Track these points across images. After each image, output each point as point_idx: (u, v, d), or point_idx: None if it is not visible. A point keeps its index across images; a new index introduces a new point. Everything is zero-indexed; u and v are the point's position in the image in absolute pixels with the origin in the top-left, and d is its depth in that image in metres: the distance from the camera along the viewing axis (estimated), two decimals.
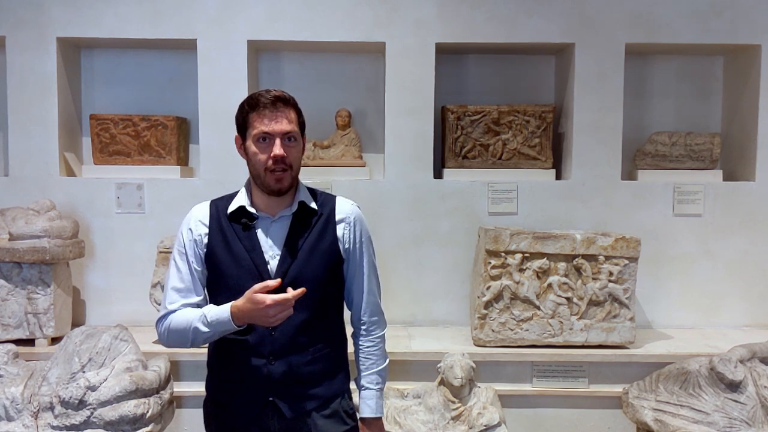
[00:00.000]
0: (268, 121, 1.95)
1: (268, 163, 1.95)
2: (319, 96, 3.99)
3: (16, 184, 3.73)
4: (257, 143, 1.96)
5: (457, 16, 3.75)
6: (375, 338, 2.17)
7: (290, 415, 2.01)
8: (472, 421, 3.02)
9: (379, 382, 2.16)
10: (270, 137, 1.95)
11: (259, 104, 1.96)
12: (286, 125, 1.96)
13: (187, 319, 1.96)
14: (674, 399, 2.99)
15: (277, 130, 1.95)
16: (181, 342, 1.99)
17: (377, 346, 2.17)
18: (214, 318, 1.91)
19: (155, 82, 4.02)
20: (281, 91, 2.00)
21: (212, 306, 1.97)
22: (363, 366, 2.16)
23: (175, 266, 2.06)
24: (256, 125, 1.96)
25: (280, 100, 1.97)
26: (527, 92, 4.06)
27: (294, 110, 2.01)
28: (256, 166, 1.98)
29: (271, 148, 1.95)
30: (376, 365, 2.16)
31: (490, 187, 3.78)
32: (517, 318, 3.35)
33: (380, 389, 2.16)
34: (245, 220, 2.03)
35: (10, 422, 2.75)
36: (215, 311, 1.92)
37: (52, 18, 3.70)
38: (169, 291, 2.04)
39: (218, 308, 1.93)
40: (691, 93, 4.10)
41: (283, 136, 1.96)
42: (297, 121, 2.01)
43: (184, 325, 1.96)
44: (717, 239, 3.83)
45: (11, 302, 3.36)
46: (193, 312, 1.97)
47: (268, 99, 1.96)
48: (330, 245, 2.06)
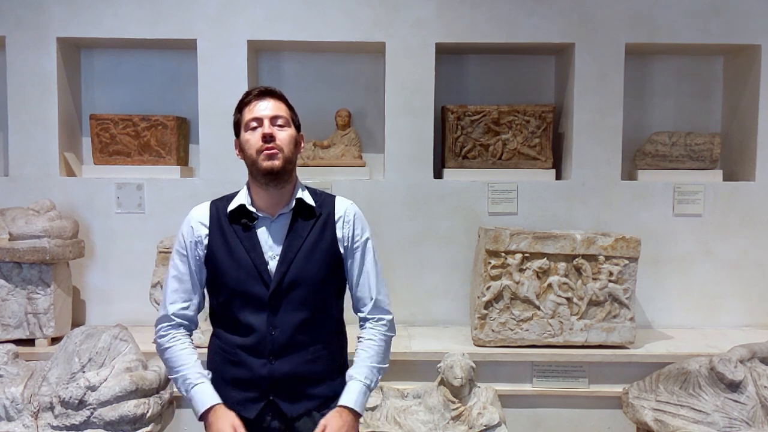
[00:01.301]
0: (255, 109, 2.01)
1: (258, 143, 1.98)
2: (319, 96, 4.00)
3: (16, 184, 3.73)
4: (248, 131, 2.01)
5: (457, 16, 3.75)
6: (379, 334, 2.09)
7: (290, 415, 2.02)
8: (472, 421, 3.02)
9: (369, 377, 2.03)
10: (258, 121, 2.00)
11: (248, 97, 2.04)
12: (274, 110, 2.01)
13: (179, 366, 2.02)
14: (674, 399, 2.99)
15: (264, 114, 2.00)
16: (166, 368, 2.11)
17: (378, 343, 2.07)
18: (194, 397, 1.98)
19: (155, 82, 4.02)
20: (269, 86, 2.07)
21: (205, 386, 1.99)
22: (358, 357, 2.07)
23: (174, 266, 2.07)
24: (247, 115, 2.02)
25: (267, 92, 2.05)
26: (527, 92, 4.06)
27: (282, 101, 2.06)
28: (249, 152, 2.00)
29: (260, 131, 1.99)
30: (371, 360, 2.05)
31: (490, 187, 3.78)
32: (517, 318, 3.35)
33: (367, 386, 2.03)
34: (245, 220, 2.04)
35: (10, 422, 2.75)
36: (199, 393, 1.98)
37: (52, 18, 3.70)
38: (168, 291, 2.07)
39: (202, 393, 1.98)
40: (691, 93, 4.10)
41: (272, 120, 2.00)
42: (286, 111, 2.05)
43: (172, 365, 2.03)
44: (717, 239, 3.83)
45: (11, 302, 3.36)
46: (189, 364, 2.01)
47: (256, 92, 2.04)
48: (330, 245, 2.06)
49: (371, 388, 2.06)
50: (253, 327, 1.99)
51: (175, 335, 2.05)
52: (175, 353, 2.03)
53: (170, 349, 2.04)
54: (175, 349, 2.03)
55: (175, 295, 2.05)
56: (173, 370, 2.03)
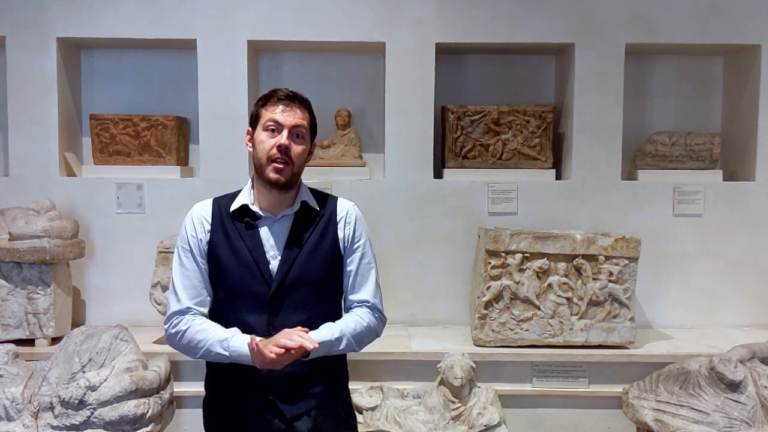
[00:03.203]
0: (280, 112, 1.98)
1: (272, 151, 1.96)
2: (319, 96, 3.95)
3: (16, 184, 3.73)
4: (265, 131, 1.98)
5: (457, 16, 3.75)
6: (368, 316, 2.05)
7: (290, 415, 2.01)
8: (472, 421, 3.02)
9: (342, 331, 1.97)
10: (279, 126, 1.97)
11: (275, 96, 2.00)
12: (297, 119, 1.99)
13: (207, 336, 1.94)
14: (674, 399, 2.99)
15: (286, 122, 1.97)
16: (190, 352, 2.00)
17: (363, 323, 2.02)
18: (236, 348, 1.91)
19: (155, 82, 4.01)
20: (299, 91, 2.04)
21: (236, 332, 1.94)
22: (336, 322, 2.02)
23: (180, 264, 2.04)
24: (268, 114, 1.99)
25: (296, 97, 2.02)
26: (527, 92, 4.06)
27: (308, 111, 2.04)
28: (259, 154, 1.98)
29: (277, 139, 1.96)
30: (349, 329, 1.99)
31: (490, 187, 3.78)
32: (517, 318, 3.35)
33: (337, 337, 1.95)
34: (248, 219, 2.03)
35: (10, 422, 2.75)
36: (237, 342, 1.91)
37: (52, 18, 3.70)
38: (177, 290, 2.02)
39: (241, 339, 1.91)
40: (691, 93, 4.10)
41: (292, 129, 1.98)
42: (308, 122, 2.03)
43: (200, 339, 1.95)
44: (717, 239, 3.83)
45: (11, 302, 3.37)
46: (213, 330, 1.95)
47: (285, 93, 2.00)
48: (331, 245, 2.06)
49: (339, 339, 1.97)
50: (252, 326, 1.98)
51: (189, 318, 1.99)
52: (195, 330, 1.96)
53: (188, 330, 1.97)
54: (192, 330, 1.97)
55: (184, 293, 2.01)
56: (200, 344, 1.94)
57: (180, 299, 2.01)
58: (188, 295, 2.01)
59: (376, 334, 2.10)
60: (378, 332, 2.11)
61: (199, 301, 2.02)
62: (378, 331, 2.10)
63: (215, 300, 2.06)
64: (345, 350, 2.01)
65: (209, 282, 2.05)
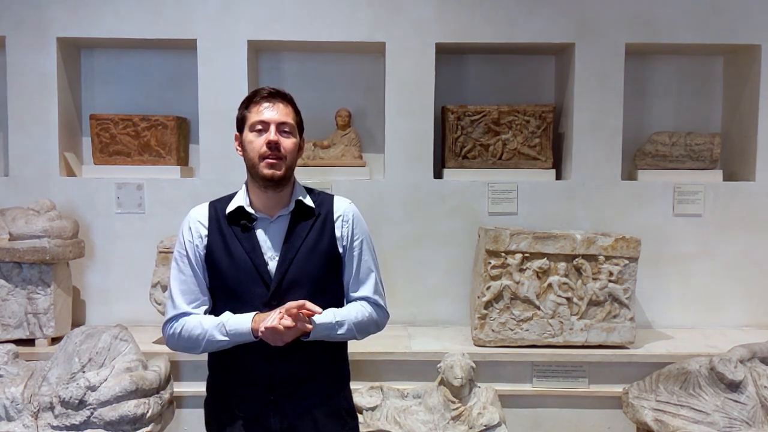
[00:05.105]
0: (264, 111, 1.99)
1: (262, 149, 1.97)
2: (319, 96, 3.99)
3: (16, 184, 3.73)
4: (253, 132, 1.99)
5: (457, 16, 3.75)
6: (370, 307, 2.06)
7: (291, 414, 2.01)
8: (472, 421, 3.02)
9: (344, 316, 1.99)
10: (265, 125, 1.98)
11: (258, 95, 2.01)
12: (282, 116, 1.99)
13: (202, 326, 1.96)
14: (674, 399, 2.99)
15: (272, 118, 1.98)
16: (191, 348, 2.00)
17: (365, 313, 2.04)
18: (233, 328, 1.92)
19: (155, 82, 4.02)
20: (280, 88, 2.04)
21: (229, 314, 1.96)
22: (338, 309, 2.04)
23: (177, 269, 2.05)
24: (253, 116, 2.00)
25: (278, 94, 2.02)
26: (527, 92, 4.06)
27: (291, 106, 2.04)
28: (251, 154, 1.99)
29: (266, 136, 1.97)
30: (350, 311, 2.02)
31: (490, 187, 3.78)
32: (517, 318, 3.35)
33: (337, 320, 1.97)
34: (244, 221, 2.03)
35: (10, 422, 2.75)
36: (234, 321, 1.93)
37: (52, 18, 3.70)
38: (174, 295, 2.03)
39: (237, 318, 1.93)
40: (691, 93, 4.10)
41: (278, 126, 1.98)
42: (293, 117, 2.03)
43: (197, 331, 1.96)
44: (717, 239, 3.83)
45: (11, 302, 3.36)
46: (207, 319, 1.97)
47: (267, 91, 2.01)
48: (329, 244, 2.06)
49: (340, 323, 1.99)
50: None
51: (183, 319, 2.00)
52: (191, 326, 1.97)
53: (184, 327, 1.98)
54: (188, 326, 1.97)
55: (181, 298, 2.02)
56: (199, 337, 1.95)
57: (176, 305, 2.02)
58: (185, 300, 2.02)
59: (378, 326, 2.11)
60: (380, 324, 2.11)
61: (196, 305, 2.03)
62: (380, 322, 2.11)
63: (215, 303, 2.06)
64: (346, 337, 2.02)
65: (208, 286, 2.06)
